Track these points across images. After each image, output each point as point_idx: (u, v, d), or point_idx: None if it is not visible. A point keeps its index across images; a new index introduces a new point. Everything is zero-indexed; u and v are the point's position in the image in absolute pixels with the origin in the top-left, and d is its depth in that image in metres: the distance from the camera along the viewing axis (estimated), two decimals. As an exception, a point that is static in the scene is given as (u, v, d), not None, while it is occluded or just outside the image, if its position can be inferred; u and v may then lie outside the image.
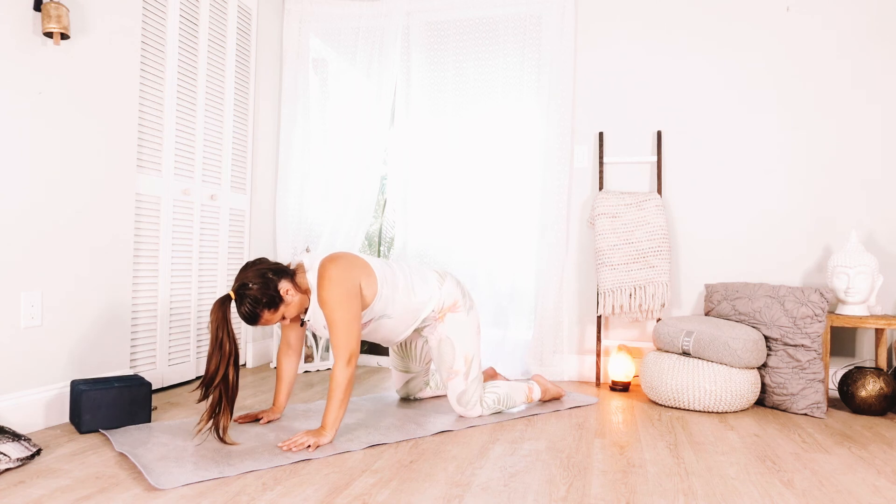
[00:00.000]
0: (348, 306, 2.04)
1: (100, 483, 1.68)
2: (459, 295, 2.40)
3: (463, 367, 2.36)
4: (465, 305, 2.41)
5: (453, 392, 2.39)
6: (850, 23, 3.04)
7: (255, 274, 2.03)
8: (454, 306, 2.38)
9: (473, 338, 2.40)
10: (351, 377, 2.03)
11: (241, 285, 2.02)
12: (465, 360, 2.36)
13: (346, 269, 2.10)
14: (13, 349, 2.08)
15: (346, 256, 2.16)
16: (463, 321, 2.38)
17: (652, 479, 1.79)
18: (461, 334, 2.37)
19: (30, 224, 2.12)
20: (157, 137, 2.73)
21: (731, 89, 3.18)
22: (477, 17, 3.46)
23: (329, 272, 2.06)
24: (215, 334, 1.95)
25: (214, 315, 1.96)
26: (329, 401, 2.03)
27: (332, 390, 2.03)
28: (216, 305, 1.97)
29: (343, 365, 2.02)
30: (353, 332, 2.05)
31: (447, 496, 1.63)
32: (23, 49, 2.08)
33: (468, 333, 2.39)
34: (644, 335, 3.28)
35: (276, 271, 2.07)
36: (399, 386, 2.68)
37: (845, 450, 2.13)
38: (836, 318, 2.76)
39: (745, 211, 3.16)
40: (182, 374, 2.93)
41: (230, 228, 3.27)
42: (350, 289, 2.07)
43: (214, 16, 3.09)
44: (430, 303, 2.33)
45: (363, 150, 3.55)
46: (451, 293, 2.38)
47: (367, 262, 2.21)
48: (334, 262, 2.10)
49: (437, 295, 2.35)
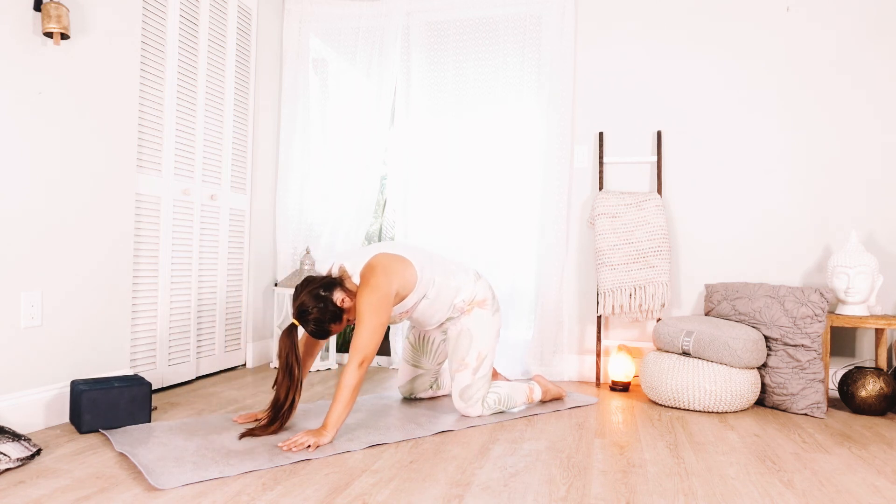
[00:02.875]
0: (379, 313, 2.12)
1: (100, 483, 1.68)
2: (490, 295, 2.50)
3: (474, 362, 2.41)
4: (493, 307, 2.49)
5: (458, 385, 2.41)
6: (850, 23, 3.04)
7: (308, 296, 2.13)
8: (483, 303, 2.46)
9: (492, 339, 2.46)
10: (360, 380, 2.06)
11: (300, 312, 2.13)
12: (477, 356, 2.41)
13: (386, 275, 2.19)
14: (13, 349, 2.08)
15: (385, 263, 2.23)
16: (487, 319, 2.45)
17: (652, 479, 1.79)
18: (481, 331, 2.43)
19: (30, 224, 2.12)
20: (157, 137, 2.73)
21: (731, 89, 3.18)
22: (477, 17, 3.46)
23: (370, 279, 2.17)
24: (285, 361, 2.06)
25: (283, 343, 2.08)
26: (335, 400, 2.04)
27: (340, 390, 2.04)
28: (284, 334, 2.09)
29: (355, 366, 2.06)
30: (375, 338, 2.11)
31: (447, 496, 1.63)
32: (23, 49, 2.08)
33: (488, 332, 2.45)
34: (644, 335, 3.28)
35: (326, 286, 2.17)
36: (404, 381, 2.68)
37: (845, 450, 2.13)
38: (836, 318, 2.76)
39: (745, 211, 3.16)
40: (182, 374, 2.93)
41: (230, 228, 3.27)
42: (385, 296, 2.15)
43: (214, 16, 3.09)
44: (464, 290, 2.42)
45: (363, 150, 3.56)
46: (483, 290, 2.48)
47: (404, 257, 2.28)
48: (373, 269, 2.19)
49: (472, 287, 2.45)
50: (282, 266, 3.63)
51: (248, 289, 3.45)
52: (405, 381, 2.68)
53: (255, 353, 3.50)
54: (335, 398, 2.04)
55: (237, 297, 3.37)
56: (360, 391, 2.86)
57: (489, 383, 2.46)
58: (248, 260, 3.46)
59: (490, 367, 2.46)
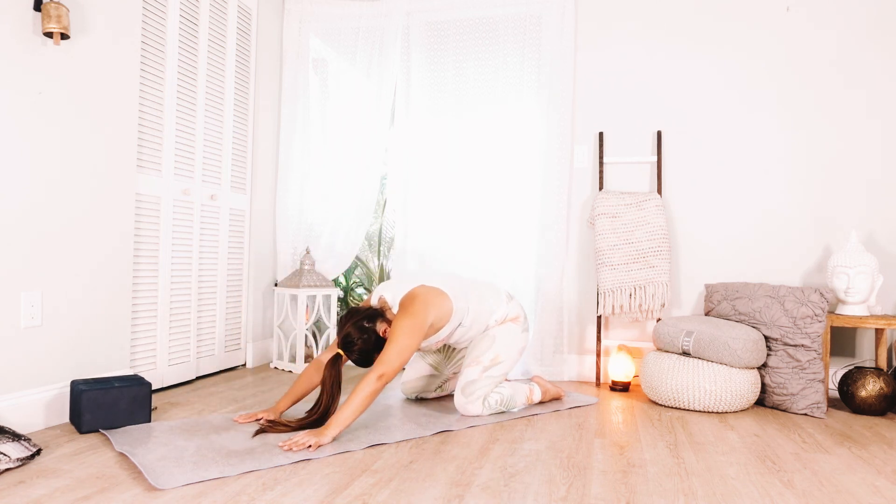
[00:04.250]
0: (411, 336, 2.19)
1: (100, 483, 1.68)
2: (522, 314, 2.61)
3: (487, 362, 2.45)
4: (523, 325, 2.59)
5: (463, 379, 2.43)
6: (850, 23, 3.04)
7: (354, 328, 2.23)
8: (516, 319, 2.57)
9: (513, 350, 2.52)
10: (376, 392, 2.09)
11: (346, 343, 2.23)
12: (493, 359, 2.46)
13: (424, 305, 2.29)
14: (13, 349, 2.08)
15: (425, 294, 2.33)
16: (515, 333, 2.54)
17: (652, 479, 1.79)
18: (506, 340, 2.51)
19: (30, 224, 2.12)
20: (157, 137, 2.73)
21: (731, 89, 3.18)
22: (477, 17, 3.46)
23: (408, 306, 2.27)
24: (329, 387, 2.16)
25: (328, 372, 2.17)
26: (346, 403, 2.06)
27: (354, 394, 2.06)
28: (329, 364, 2.18)
29: (375, 377, 2.08)
30: (401, 357, 2.15)
31: (447, 496, 1.63)
32: (23, 49, 2.08)
33: (512, 344, 2.52)
34: (644, 335, 3.28)
35: (370, 317, 2.27)
36: (413, 377, 2.69)
37: (845, 450, 2.13)
38: (836, 318, 2.76)
39: (745, 211, 3.16)
40: (182, 374, 2.93)
41: (230, 228, 3.27)
42: (421, 323, 2.24)
43: (214, 16, 3.09)
44: (498, 311, 2.53)
45: (363, 150, 3.56)
46: (515, 309, 2.59)
47: (441, 290, 2.39)
48: (413, 298, 2.31)
49: (505, 307, 2.56)
50: (282, 266, 3.63)
51: (248, 289, 3.45)
52: (413, 378, 2.68)
53: (255, 353, 3.50)
54: (347, 401, 2.06)
55: (237, 297, 3.37)
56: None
57: (495, 386, 2.47)
58: (248, 260, 3.46)
59: (502, 375, 2.49)
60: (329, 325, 3.50)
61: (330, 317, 3.49)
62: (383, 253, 4.12)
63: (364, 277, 4.16)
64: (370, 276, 4.09)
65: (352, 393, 2.07)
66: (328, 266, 3.59)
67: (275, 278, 3.70)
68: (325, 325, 3.54)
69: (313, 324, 3.54)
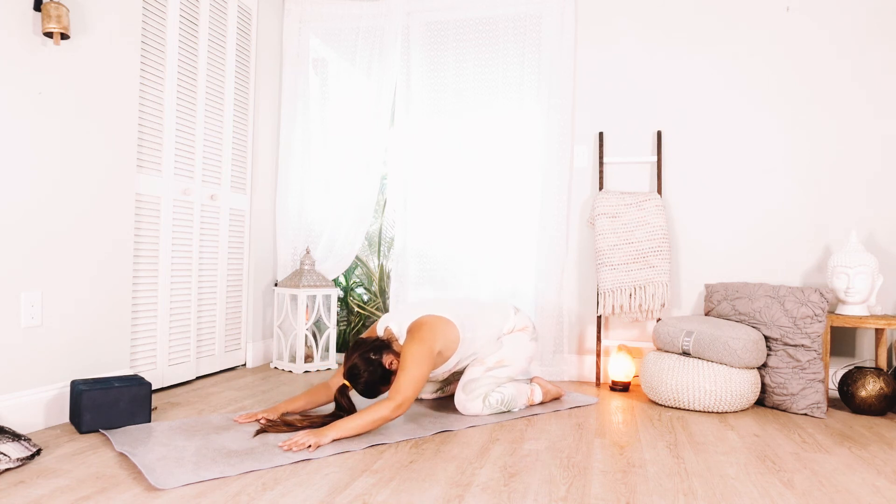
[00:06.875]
0: (422, 365, 2.19)
1: (100, 483, 1.68)
2: (530, 325, 2.64)
3: (492, 363, 2.48)
4: (532, 334, 2.62)
5: (466, 377, 2.45)
6: (850, 22, 3.04)
7: (360, 359, 2.23)
8: (524, 329, 2.60)
9: (521, 357, 2.55)
10: (387, 419, 2.11)
11: (352, 375, 2.23)
12: (498, 361, 2.49)
13: (432, 332, 2.30)
14: (13, 349, 2.08)
15: (432, 322, 2.33)
16: (524, 342, 2.57)
17: (652, 479, 1.79)
18: (514, 347, 2.54)
19: (29, 224, 2.12)
20: (157, 137, 2.73)
21: (732, 89, 3.18)
22: (477, 17, 3.46)
23: (415, 334, 2.28)
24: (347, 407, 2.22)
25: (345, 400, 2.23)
26: (356, 416, 2.07)
27: (367, 413, 2.07)
28: (336, 394, 2.23)
29: (392, 406, 2.09)
30: (415, 387, 2.15)
31: (447, 496, 1.63)
32: (23, 49, 2.08)
33: (520, 351, 2.55)
34: (644, 335, 3.28)
35: (376, 349, 2.26)
36: None
37: (845, 450, 2.13)
38: (836, 318, 2.76)
39: (745, 211, 3.16)
40: (182, 374, 2.93)
41: (230, 228, 3.27)
42: (430, 350, 2.24)
43: (214, 16, 3.09)
44: (506, 324, 2.57)
45: (363, 150, 3.56)
46: (523, 320, 2.62)
47: (448, 319, 2.39)
48: (421, 326, 2.31)
49: (512, 320, 2.59)
50: (282, 266, 3.63)
51: (248, 289, 3.45)
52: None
53: (255, 353, 3.50)
54: (358, 414, 2.07)
55: (237, 297, 3.37)
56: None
57: (496, 385, 2.47)
58: (248, 260, 3.46)
59: (505, 378, 2.50)
60: (329, 325, 3.50)
61: (330, 317, 3.49)
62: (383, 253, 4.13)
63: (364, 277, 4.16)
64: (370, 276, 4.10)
65: (365, 409, 2.08)
66: (328, 266, 3.59)
67: (275, 278, 3.70)
68: (325, 325, 3.54)
69: (313, 324, 3.54)
